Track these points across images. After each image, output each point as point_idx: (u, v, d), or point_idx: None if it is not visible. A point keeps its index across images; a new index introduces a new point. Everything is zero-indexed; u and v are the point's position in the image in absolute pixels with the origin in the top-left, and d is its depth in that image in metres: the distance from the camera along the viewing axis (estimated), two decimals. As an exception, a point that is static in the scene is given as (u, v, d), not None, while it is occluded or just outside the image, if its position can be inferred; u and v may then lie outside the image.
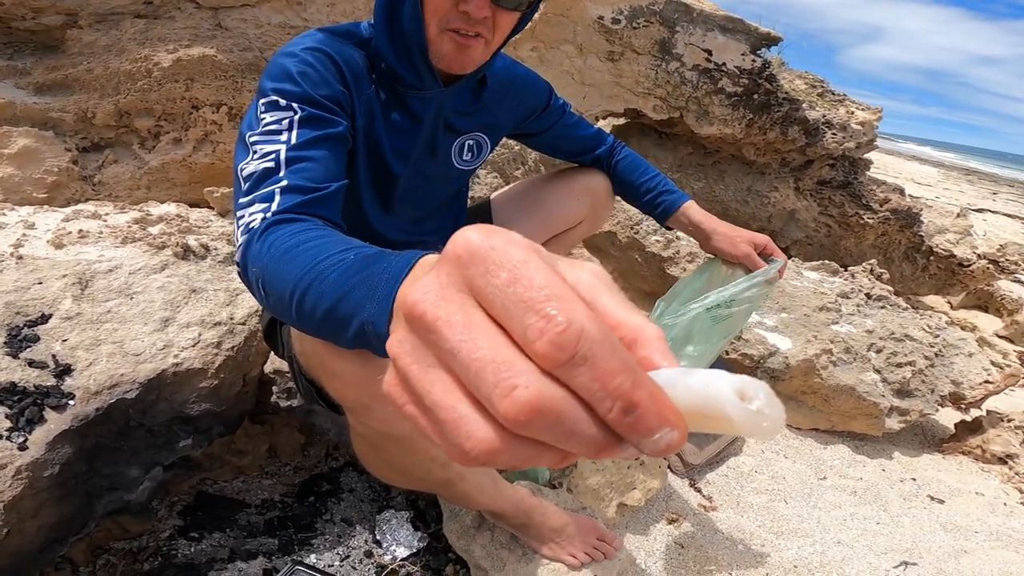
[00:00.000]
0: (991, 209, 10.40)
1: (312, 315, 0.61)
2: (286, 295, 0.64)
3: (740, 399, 0.30)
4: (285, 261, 0.67)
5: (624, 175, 1.46)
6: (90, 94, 2.48)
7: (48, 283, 1.24)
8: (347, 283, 0.56)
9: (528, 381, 0.27)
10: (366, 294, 0.53)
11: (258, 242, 0.73)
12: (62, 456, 1.05)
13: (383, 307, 0.50)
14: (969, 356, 2.37)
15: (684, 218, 1.42)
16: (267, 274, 0.69)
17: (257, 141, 0.84)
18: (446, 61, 1.00)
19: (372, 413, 0.81)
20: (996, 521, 1.90)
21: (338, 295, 0.57)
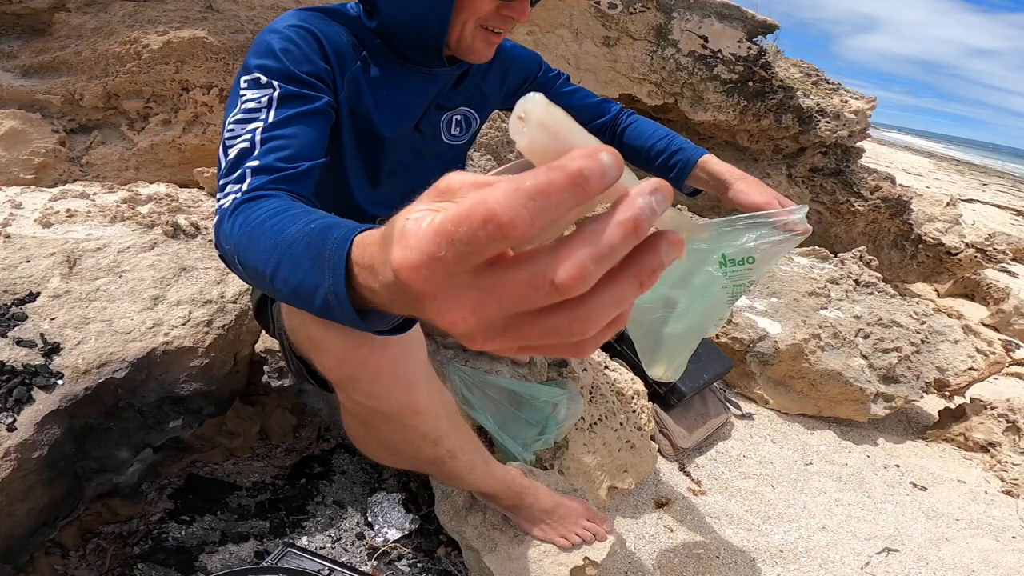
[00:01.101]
0: (980, 200, 10.48)
1: (283, 291, 0.61)
2: (260, 271, 0.64)
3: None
4: (255, 237, 0.67)
5: (632, 141, 1.36)
6: (78, 76, 2.44)
7: (36, 261, 1.22)
8: (307, 256, 0.56)
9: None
10: (323, 266, 0.52)
11: (228, 220, 0.73)
12: (51, 437, 1.04)
13: (338, 276, 0.50)
14: (954, 343, 2.40)
15: (703, 172, 1.26)
16: (241, 251, 0.69)
17: (237, 121, 0.84)
18: (473, 55, 1.01)
19: (359, 386, 0.81)
20: (977, 509, 1.93)
21: (302, 270, 0.57)
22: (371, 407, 0.84)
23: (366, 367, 0.79)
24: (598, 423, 1.54)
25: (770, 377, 2.22)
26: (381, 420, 0.87)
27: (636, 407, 1.66)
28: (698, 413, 1.95)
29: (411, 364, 0.83)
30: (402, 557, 1.27)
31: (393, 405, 0.84)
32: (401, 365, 0.82)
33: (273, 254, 0.62)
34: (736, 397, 2.25)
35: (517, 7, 0.95)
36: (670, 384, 1.87)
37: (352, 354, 0.78)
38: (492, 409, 1.31)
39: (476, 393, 1.31)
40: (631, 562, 1.45)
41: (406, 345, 0.82)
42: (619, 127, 1.38)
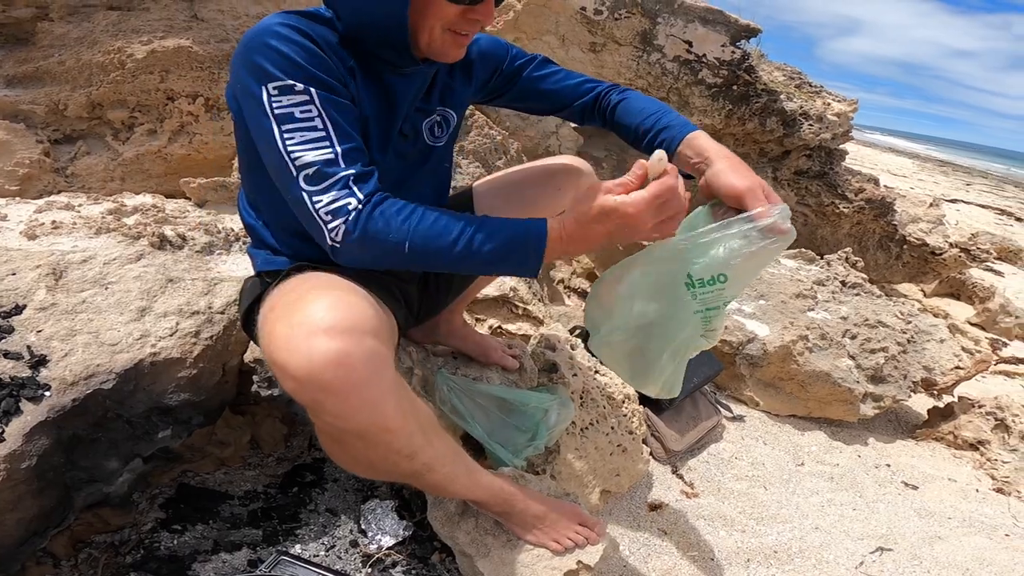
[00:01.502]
0: (964, 200, 10.61)
1: (482, 249, 0.92)
2: (448, 242, 0.91)
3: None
4: (436, 220, 0.92)
5: (623, 119, 1.23)
6: (62, 86, 2.43)
7: (21, 274, 1.22)
8: (504, 232, 0.93)
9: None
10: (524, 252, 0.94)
11: (377, 214, 0.90)
12: (39, 448, 1.04)
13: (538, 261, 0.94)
14: (940, 342, 2.42)
15: (687, 149, 1.11)
16: (419, 231, 0.91)
17: (296, 130, 0.91)
18: (444, 57, 1.03)
19: (325, 407, 0.80)
20: (969, 507, 1.95)
21: (501, 240, 0.92)
22: (340, 427, 0.84)
23: (329, 390, 0.79)
24: (589, 428, 1.54)
25: (760, 379, 2.24)
26: (352, 438, 0.87)
27: (627, 411, 1.66)
28: (689, 416, 1.96)
29: (376, 384, 0.82)
30: (396, 564, 1.27)
31: (362, 424, 0.83)
32: (365, 387, 0.81)
33: (467, 228, 0.91)
34: (727, 399, 2.26)
35: (481, 10, 0.97)
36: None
37: (314, 378, 0.78)
38: (482, 416, 1.31)
39: (465, 401, 1.31)
40: (625, 566, 1.45)
41: (370, 365, 0.81)
42: (609, 105, 1.26)
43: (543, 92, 1.29)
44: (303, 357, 0.78)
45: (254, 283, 1.14)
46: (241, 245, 1.58)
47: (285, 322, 0.82)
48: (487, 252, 0.91)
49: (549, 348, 1.59)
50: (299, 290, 0.88)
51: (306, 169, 0.90)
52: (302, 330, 0.79)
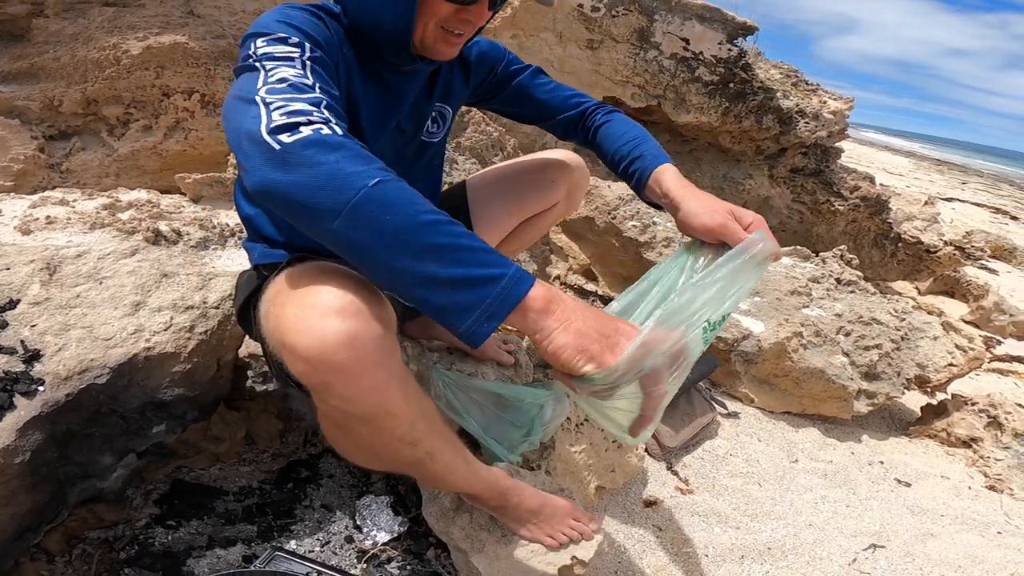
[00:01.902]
0: (960, 198, 10.64)
1: (439, 270, 0.73)
2: (412, 220, 0.72)
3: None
4: (414, 193, 0.75)
5: (603, 143, 1.25)
6: (57, 82, 2.42)
7: (15, 269, 1.21)
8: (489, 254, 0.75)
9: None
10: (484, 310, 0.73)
11: (347, 139, 0.76)
12: (33, 443, 1.04)
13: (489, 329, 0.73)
14: (934, 339, 2.43)
15: (656, 186, 1.15)
16: (388, 187, 0.73)
17: (275, 57, 0.84)
18: (436, 54, 1.03)
19: (333, 390, 0.81)
20: (961, 504, 1.95)
21: (469, 280, 0.73)
22: (345, 411, 0.84)
23: (340, 372, 0.79)
24: (584, 423, 1.54)
25: (754, 376, 2.24)
26: (357, 423, 0.87)
27: (622, 407, 1.66)
28: (684, 412, 1.96)
29: (384, 368, 0.83)
30: (391, 559, 1.27)
31: (368, 408, 0.83)
32: (374, 369, 0.81)
33: (440, 233, 0.73)
34: (721, 396, 2.27)
35: (474, 11, 0.97)
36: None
37: (326, 359, 0.78)
38: (477, 412, 1.31)
39: (460, 397, 1.31)
40: (620, 561, 1.45)
41: (380, 347, 0.82)
42: (593, 125, 1.28)
43: (533, 99, 1.29)
44: (315, 338, 0.78)
45: (250, 276, 1.14)
46: (236, 240, 1.58)
47: (295, 305, 0.82)
48: (442, 277, 0.73)
49: (544, 344, 1.59)
50: (306, 275, 0.88)
51: (281, 80, 0.80)
52: (314, 311, 0.79)
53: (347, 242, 0.73)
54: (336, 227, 0.72)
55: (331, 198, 0.72)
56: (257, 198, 0.76)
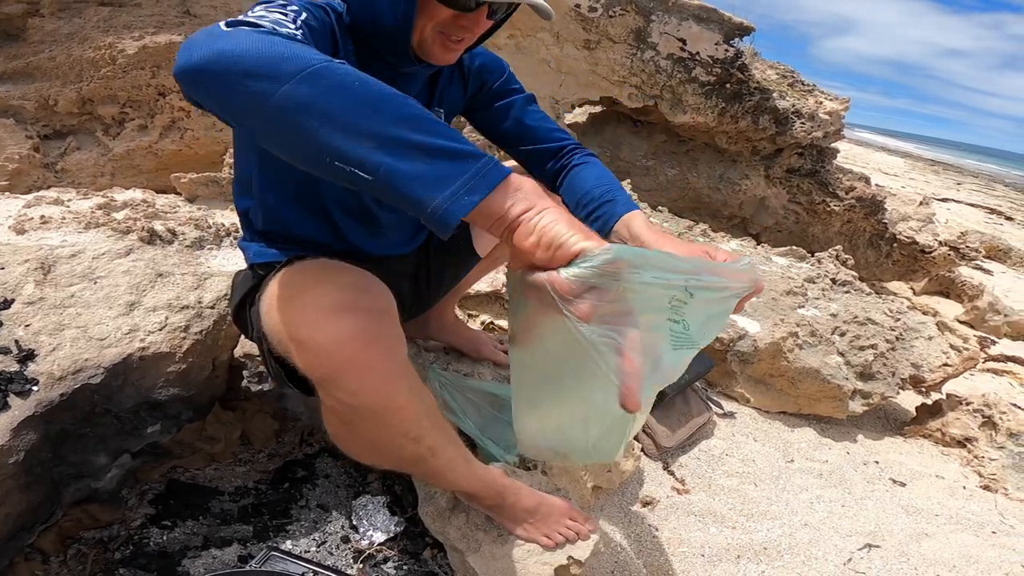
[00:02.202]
0: (955, 199, 10.68)
1: (413, 136, 0.64)
2: (387, 100, 0.66)
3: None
4: (379, 82, 0.68)
5: (575, 183, 1.21)
6: (52, 82, 2.42)
7: (10, 268, 1.21)
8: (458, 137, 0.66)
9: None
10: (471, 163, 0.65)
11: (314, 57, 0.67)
12: (27, 443, 1.04)
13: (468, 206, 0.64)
14: (929, 339, 2.44)
15: (624, 228, 1.10)
16: (354, 73, 0.67)
17: (267, 9, 0.79)
18: (432, 58, 1.03)
19: (343, 383, 0.81)
20: (956, 504, 1.96)
21: (450, 140, 0.65)
22: (353, 404, 0.84)
23: (349, 364, 0.79)
24: (581, 423, 1.54)
25: (750, 376, 2.25)
26: (362, 418, 0.87)
27: (618, 406, 1.67)
28: (680, 412, 1.96)
29: (393, 361, 0.84)
30: (388, 559, 1.27)
31: (376, 401, 0.84)
32: (382, 362, 0.82)
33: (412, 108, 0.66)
34: (718, 396, 2.27)
35: (471, 19, 0.97)
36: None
37: (335, 352, 0.79)
38: (473, 412, 1.31)
39: (457, 397, 1.31)
40: (617, 561, 1.45)
41: (389, 342, 0.82)
42: (570, 164, 1.25)
43: (519, 121, 1.26)
44: (323, 331, 0.78)
45: (246, 276, 1.14)
46: (232, 240, 1.58)
47: (301, 300, 0.82)
48: (417, 142, 0.64)
49: (541, 344, 1.59)
50: (309, 271, 0.88)
51: (255, 16, 0.75)
52: (321, 305, 0.80)
53: (293, 105, 0.63)
54: (285, 90, 0.63)
55: (282, 65, 0.64)
56: (185, 80, 0.67)
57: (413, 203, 0.64)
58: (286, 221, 1.10)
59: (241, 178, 1.13)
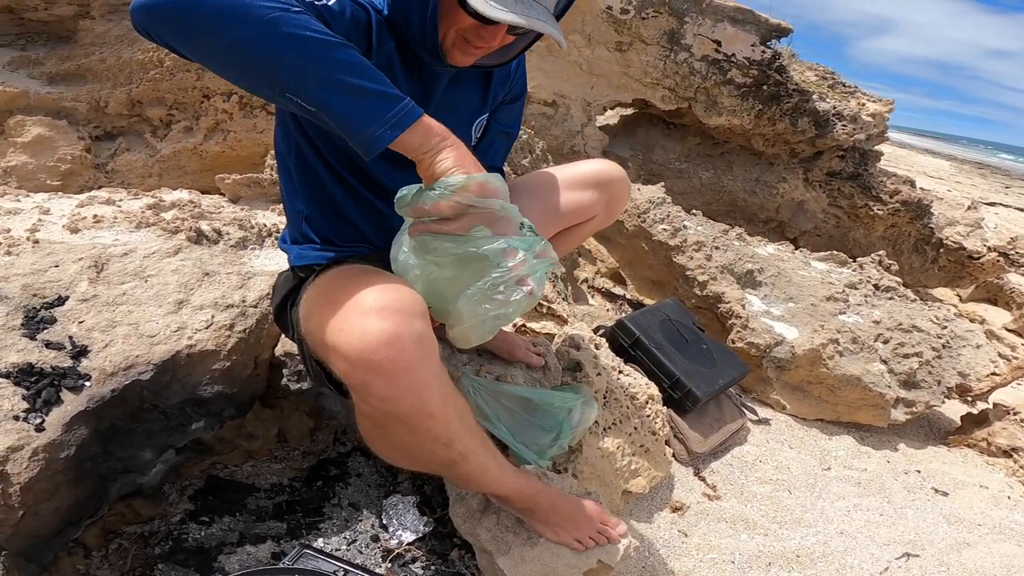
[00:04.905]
0: (1003, 203, 10.30)
1: (339, 74, 0.79)
2: (332, 48, 0.79)
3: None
4: (329, 31, 0.80)
5: None
6: (103, 84, 2.51)
7: (64, 266, 1.26)
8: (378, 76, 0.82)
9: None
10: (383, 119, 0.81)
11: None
12: (78, 438, 1.07)
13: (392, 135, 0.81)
14: (977, 348, 2.37)
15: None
16: (309, 22, 0.79)
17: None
18: (450, 58, 1.05)
19: (373, 389, 0.82)
20: (999, 514, 1.91)
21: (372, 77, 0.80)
22: (385, 410, 0.85)
23: (381, 371, 0.81)
24: (612, 427, 1.54)
25: (787, 382, 2.21)
26: (395, 423, 0.88)
27: (650, 412, 1.66)
28: (713, 418, 1.94)
29: (424, 368, 0.84)
30: (416, 559, 1.28)
31: (406, 408, 0.85)
32: (414, 369, 0.83)
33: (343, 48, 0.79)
34: (752, 402, 2.24)
35: (491, 31, 0.99)
36: (686, 389, 1.87)
37: (366, 358, 0.80)
38: (506, 417, 1.32)
39: (489, 402, 1.31)
40: (645, 566, 1.45)
41: (419, 347, 0.83)
42: None
43: (483, 136, 1.28)
44: (355, 337, 0.80)
45: (287, 277, 1.17)
46: (273, 240, 1.62)
47: (336, 306, 0.84)
48: (353, 84, 0.79)
49: (573, 347, 1.60)
50: (345, 277, 0.90)
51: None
52: (354, 312, 0.82)
53: (246, 45, 0.76)
54: (243, 32, 0.75)
55: (249, 8, 0.75)
56: (148, 17, 0.77)
57: (346, 133, 0.81)
58: (335, 230, 1.12)
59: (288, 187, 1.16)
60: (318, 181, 1.10)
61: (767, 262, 2.49)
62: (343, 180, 1.09)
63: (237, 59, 0.78)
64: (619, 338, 1.99)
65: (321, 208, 1.12)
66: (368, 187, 1.11)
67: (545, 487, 1.17)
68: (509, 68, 1.21)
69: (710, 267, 2.35)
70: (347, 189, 1.11)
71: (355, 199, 1.11)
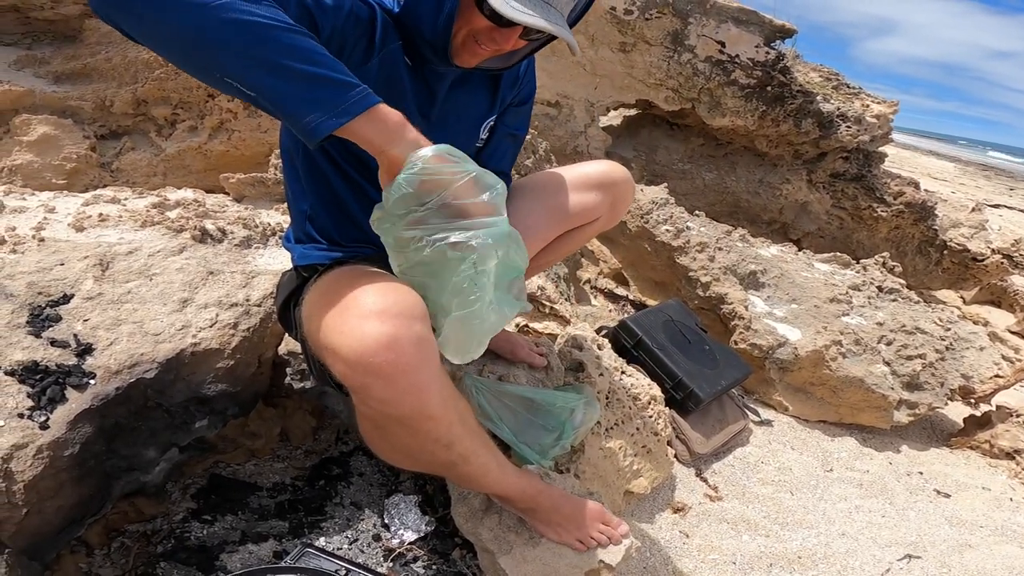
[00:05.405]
0: (1007, 205, 10.27)
1: (287, 61, 0.75)
2: (281, 32, 0.75)
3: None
4: (282, 16, 0.77)
5: None
6: (108, 83, 2.51)
7: (70, 264, 1.27)
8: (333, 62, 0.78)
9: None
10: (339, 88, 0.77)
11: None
12: (82, 436, 1.07)
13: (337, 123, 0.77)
14: (980, 350, 2.36)
15: None
16: (261, 8, 0.75)
17: None
18: (457, 58, 1.05)
19: (372, 392, 0.82)
20: (1002, 516, 1.91)
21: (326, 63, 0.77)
22: (385, 412, 0.86)
23: (380, 374, 0.81)
24: (614, 428, 1.54)
25: (789, 384, 2.21)
26: (395, 425, 0.88)
27: (652, 412, 1.66)
28: (715, 419, 1.94)
29: (424, 370, 0.84)
30: (417, 559, 1.29)
31: (406, 411, 0.85)
32: (414, 371, 0.82)
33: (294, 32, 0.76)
34: (755, 404, 2.24)
35: (504, 34, 0.98)
36: (688, 389, 1.87)
37: (365, 361, 0.80)
38: (509, 417, 1.32)
39: (492, 402, 1.32)
40: (646, 567, 1.45)
41: (419, 350, 0.83)
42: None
43: (489, 139, 1.27)
44: (355, 340, 0.80)
45: (291, 277, 1.17)
46: (277, 240, 1.62)
47: (336, 308, 0.84)
48: (300, 70, 0.76)
49: (576, 347, 1.60)
50: (346, 279, 0.90)
51: None
52: (354, 314, 0.82)
53: (185, 28, 0.74)
54: (183, 16, 0.73)
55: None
56: (101, 5, 0.76)
57: (288, 117, 0.78)
58: (340, 229, 1.12)
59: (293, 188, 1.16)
60: (324, 179, 1.10)
61: (770, 263, 2.49)
62: (348, 177, 1.10)
63: (177, 43, 0.76)
64: (622, 339, 1.99)
65: (326, 206, 1.12)
66: (374, 185, 1.12)
67: (547, 487, 1.17)
68: (518, 71, 1.21)
69: (713, 268, 2.35)
70: (352, 187, 1.11)
71: (360, 198, 1.11)
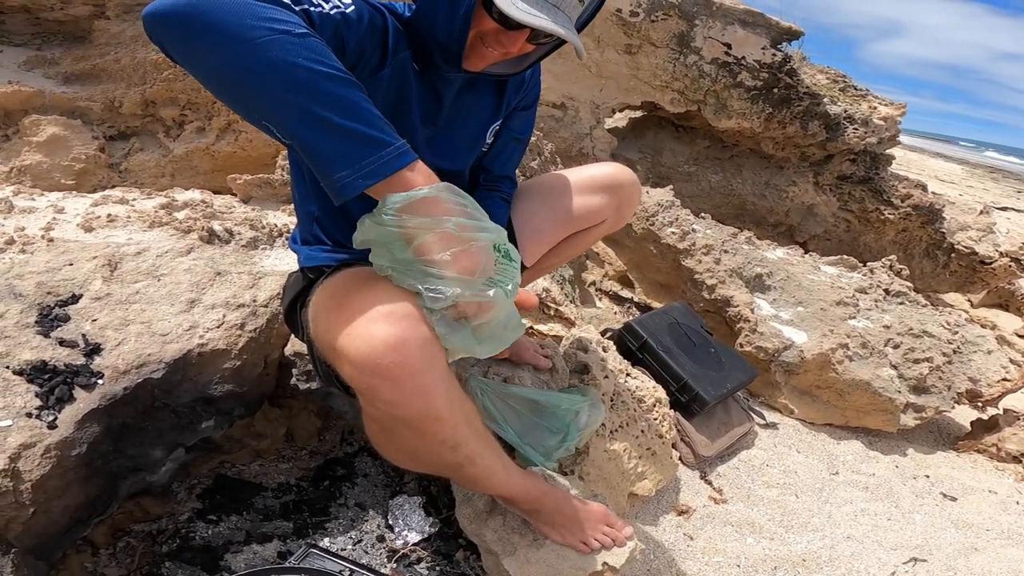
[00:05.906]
0: (1015, 208, 10.21)
1: (330, 112, 0.74)
2: (321, 80, 0.74)
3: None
4: (327, 54, 0.76)
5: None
6: (117, 84, 2.53)
7: (78, 264, 1.28)
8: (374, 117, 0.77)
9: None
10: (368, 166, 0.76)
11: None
12: (90, 435, 1.08)
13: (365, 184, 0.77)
14: (988, 353, 2.35)
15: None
16: (307, 44, 0.74)
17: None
18: (464, 60, 1.05)
19: (379, 393, 0.83)
20: (1008, 519, 1.90)
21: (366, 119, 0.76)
22: (391, 414, 0.86)
23: (387, 376, 0.81)
24: (619, 430, 1.54)
25: (795, 387, 2.20)
26: (401, 426, 0.89)
27: (657, 415, 1.66)
28: (721, 422, 1.94)
29: (431, 372, 0.84)
30: (421, 560, 1.29)
31: (413, 412, 0.85)
32: (421, 373, 0.83)
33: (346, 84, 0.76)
34: (760, 407, 2.23)
35: (511, 37, 0.98)
36: (693, 392, 1.87)
37: (372, 363, 0.80)
38: (513, 419, 1.32)
39: (497, 404, 1.32)
40: (650, 569, 1.45)
41: (426, 352, 0.83)
42: (480, 185, 1.30)
43: (495, 142, 1.27)
44: (362, 342, 0.80)
45: (297, 278, 1.18)
46: (283, 241, 1.63)
47: (343, 310, 0.84)
48: (336, 123, 0.74)
49: (581, 349, 1.60)
50: (353, 280, 0.90)
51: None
52: (361, 316, 0.82)
53: (229, 66, 0.73)
54: (229, 52, 0.73)
55: (245, 28, 0.72)
56: (153, 24, 0.75)
57: (319, 171, 0.78)
58: (345, 231, 1.12)
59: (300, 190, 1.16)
60: None
61: (776, 266, 2.48)
62: None
63: (216, 78, 0.76)
64: (627, 341, 1.99)
65: (333, 209, 1.12)
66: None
67: (551, 489, 1.17)
68: (524, 75, 1.21)
69: (719, 271, 2.35)
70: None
71: (366, 201, 1.12)
